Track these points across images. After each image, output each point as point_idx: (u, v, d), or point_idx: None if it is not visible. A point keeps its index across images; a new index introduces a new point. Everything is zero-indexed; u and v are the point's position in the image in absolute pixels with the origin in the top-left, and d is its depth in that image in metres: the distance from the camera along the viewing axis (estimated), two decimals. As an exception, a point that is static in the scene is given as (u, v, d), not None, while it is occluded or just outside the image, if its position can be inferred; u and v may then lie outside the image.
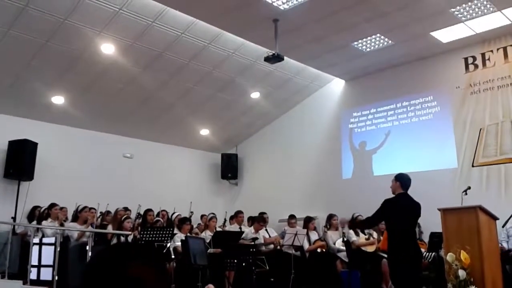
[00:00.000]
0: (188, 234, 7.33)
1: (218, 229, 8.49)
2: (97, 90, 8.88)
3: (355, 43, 8.51)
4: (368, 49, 8.71)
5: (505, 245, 6.92)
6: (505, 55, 8.12)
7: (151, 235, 6.64)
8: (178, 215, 8.84)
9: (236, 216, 9.15)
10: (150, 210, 8.80)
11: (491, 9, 7.24)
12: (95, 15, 7.11)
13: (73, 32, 7.29)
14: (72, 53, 7.81)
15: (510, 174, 7.72)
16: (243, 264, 6.79)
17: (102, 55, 7.99)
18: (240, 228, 8.65)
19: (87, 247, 6.73)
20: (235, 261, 6.77)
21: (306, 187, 10.42)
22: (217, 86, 9.65)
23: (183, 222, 7.66)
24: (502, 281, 5.41)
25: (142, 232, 6.89)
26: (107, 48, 7.86)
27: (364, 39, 8.38)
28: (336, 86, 10.52)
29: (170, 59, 8.45)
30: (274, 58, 7.58)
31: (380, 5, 7.15)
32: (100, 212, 8.54)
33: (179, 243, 6.85)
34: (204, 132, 11.35)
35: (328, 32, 7.98)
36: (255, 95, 10.33)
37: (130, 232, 7.27)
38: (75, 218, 7.87)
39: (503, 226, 5.65)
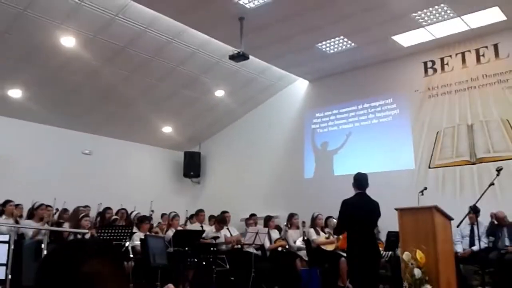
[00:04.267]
0: (148, 233, 7.20)
1: (179, 228, 8.40)
2: (56, 84, 8.62)
3: (319, 44, 8.60)
4: (331, 51, 8.83)
5: (459, 246, 7.16)
6: (463, 60, 8.40)
7: (108, 234, 6.51)
8: (138, 213, 8.69)
9: (198, 215, 9.08)
10: (108, 208, 8.62)
11: (451, 14, 7.47)
12: (56, 7, 6.90)
13: (32, 23, 7.05)
14: (31, 45, 7.55)
15: (465, 176, 8.00)
16: (204, 263, 6.74)
17: (62, 48, 7.75)
18: (202, 227, 8.59)
19: (43, 245, 6.51)
20: (195, 260, 6.72)
21: (269, 186, 10.46)
22: (180, 83, 9.55)
23: (143, 221, 7.53)
24: (456, 281, 5.59)
25: (99, 231, 6.74)
26: (68, 41, 7.63)
27: (328, 41, 8.49)
28: (300, 86, 10.62)
29: (133, 54, 8.30)
30: (239, 57, 7.57)
31: (344, 8, 7.25)
32: (57, 209, 8.29)
33: (138, 242, 6.72)
34: (167, 129, 11.21)
35: (293, 32, 8.04)
36: (220, 93, 10.28)
37: (87, 231, 7.07)
38: (30, 216, 7.60)
39: (457, 226, 5.83)
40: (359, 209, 4.96)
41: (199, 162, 11.96)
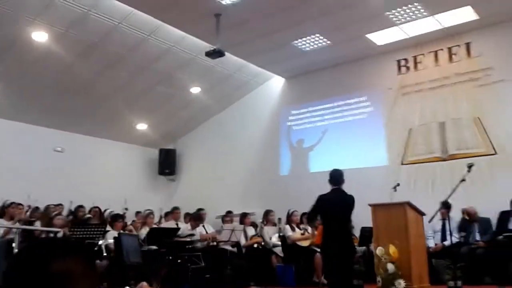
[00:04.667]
0: (121, 232, 7.12)
1: (154, 225, 8.32)
2: (28, 80, 8.41)
3: (295, 42, 8.63)
4: (307, 49, 8.87)
5: (431, 241, 7.30)
6: (436, 58, 8.55)
7: (81, 232, 6.41)
8: (111, 212, 8.57)
9: (173, 212, 8.99)
10: (81, 206, 8.51)
11: (424, 13, 7.60)
12: (28, 1, 6.73)
13: (3, 18, 6.86)
14: (1, 40, 7.34)
15: (436, 172, 8.15)
16: (178, 260, 6.70)
17: (34, 43, 7.58)
18: (177, 224, 8.53)
19: (14, 244, 6.37)
20: (170, 258, 6.67)
21: (245, 183, 10.47)
22: (156, 79, 9.45)
23: (116, 219, 7.43)
24: (428, 275, 5.70)
25: (72, 229, 6.63)
26: (40, 36, 7.46)
27: (304, 39, 8.53)
28: (276, 83, 10.64)
29: (107, 50, 8.17)
30: (215, 53, 7.54)
31: (320, 6, 7.29)
32: (29, 206, 8.12)
33: (111, 241, 6.63)
34: (142, 126, 11.08)
35: (269, 30, 8.04)
36: (196, 89, 10.22)
37: (59, 229, 6.95)
38: (1, 214, 7.43)
39: (429, 222, 5.94)
40: (335, 205, 5.00)
41: (175, 159, 11.87)
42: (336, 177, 5.10)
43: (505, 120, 7.64)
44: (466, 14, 7.61)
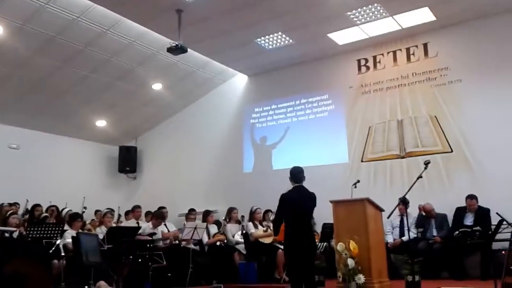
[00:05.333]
0: (80, 231, 6.94)
1: (113, 224, 8.16)
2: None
3: (258, 39, 8.65)
4: (270, 47, 8.91)
5: (390, 237, 7.49)
6: (395, 58, 8.77)
7: (38, 232, 6.22)
8: (69, 210, 8.34)
9: (133, 211, 8.83)
10: (38, 205, 8.23)
11: (384, 14, 7.76)
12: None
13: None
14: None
15: (395, 169, 8.37)
16: (139, 260, 6.58)
17: (-12, 36, 7.27)
18: (138, 223, 8.39)
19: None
20: (131, 257, 6.54)
21: (207, 181, 10.42)
22: (115, 75, 9.25)
23: (74, 218, 7.22)
24: (387, 270, 5.84)
25: (28, 229, 6.41)
26: (-6, 29, 7.17)
27: (267, 36, 8.55)
28: (240, 81, 10.63)
29: (64, 44, 7.93)
30: (177, 49, 7.45)
31: (282, 5, 7.33)
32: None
33: (69, 240, 6.46)
34: (101, 123, 10.82)
35: (232, 27, 8.02)
36: (157, 86, 10.07)
37: (15, 229, 6.70)
38: (-48, 214, 7.10)
39: (388, 217, 6.08)
40: (297, 203, 5.03)
41: (135, 157, 11.67)
42: (297, 174, 5.13)
43: (460, 119, 7.92)
44: (423, 15, 7.83)
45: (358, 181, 7.00)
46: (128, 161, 11.52)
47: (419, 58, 8.52)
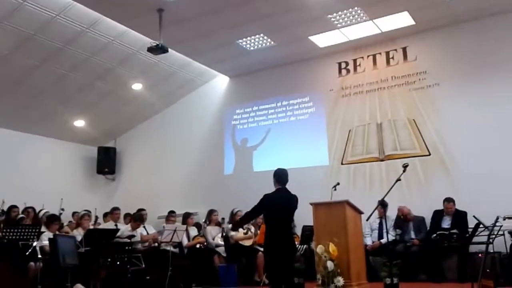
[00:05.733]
0: (57, 233, 6.81)
1: (91, 226, 8.03)
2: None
3: (240, 41, 8.64)
4: (252, 48, 8.90)
5: (368, 239, 7.54)
6: (374, 62, 8.86)
7: (14, 234, 6.11)
8: (46, 212, 8.20)
9: (112, 213, 8.73)
10: (14, 206, 8.08)
11: (364, 18, 7.84)
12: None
13: None
14: None
15: (374, 172, 8.45)
16: (117, 262, 6.50)
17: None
18: (116, 225, 8.28)
19: None
20: (109, 259, 6.45)
21: (188, 183, 10.34)
22: (95, 74, 9.12)
23: (52, 220, 7.10)
24: (366, 272, 5.88)
25: (4, 230, 6.28)
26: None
27: (249, 38, 8.54)
28: (221, 82, 10.60)
29: (43, 42, 7.79)
30: (158, 49, 7.38)
31: (264, 6, 7.33)
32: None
33: (46, 242, 6.33)
34: (79, 123, 10.65)
35: (214, 28, 7.99)
36: (137, 86, 9.96)
37: (-10, 231, 6.56)
38: None
39: (367, 220, 6.13)
40: (279, 204, 5.02)
41: (114, 158, 11.53)
42: (282, 176, 5.13)
43: (438, 122, 8.04)
44: (403, 20, 7.93)
45: (338, 184, 7.03)
46: (106, 162, 11.37)
47: (398, 62, 8.62)
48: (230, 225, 7.94)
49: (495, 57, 7.69)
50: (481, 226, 6.02)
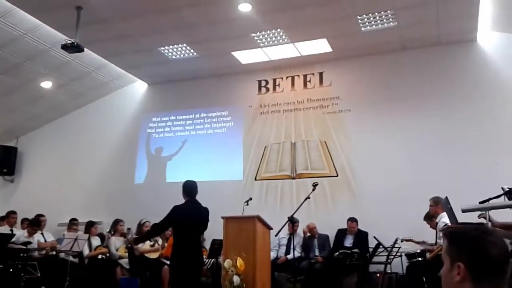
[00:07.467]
0: None
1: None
2: None
3: (162, 48, 8.50)
4: (173, 57, 8.80)
5: (273, 253, 7.68)
6: (292, 83, 9.16)
7: None
8: None
9: (8, 217, 8.10)
10: None
11: (286, 40, 8.09)
12: None
13: None
14: None
15: (285, 189, 8.67)
16: (10, 270, 6.02)
17: None
18: (12, 230, 7.68)
19: None
20: (1, 266, 5.96)
21: (94, 190, 9.85)
22: None
23: None
24: (270, 287, 5.97)
25: None
26: None
27: (171, 46, 8.44)
28: (139, 88, 10.33)
29: None
30: (73, 48, 7.02)
31: (188, 17, 7.29)
32: None
33: None
34: (-23, 118, 9.80)
35: (135, 32, 7.79)
36: (47, 84, 9.39)
37: None
38: None
39: (276, 235, 6.26)
40: (189, 217, 4.96)
41: (15, 158, 10.71)
42: (190, 188, 5.08)
43: (346, 146, 8.47)
44: (321, 46, 8.31)
45: (251, 199, 7.13)
46: (5, 162, 10.52)
47: (315, 86, 9.00)
48: (132, 236, 7.66)
49: (402, 90, 8.29)
50: (380, 246, 6.41)
